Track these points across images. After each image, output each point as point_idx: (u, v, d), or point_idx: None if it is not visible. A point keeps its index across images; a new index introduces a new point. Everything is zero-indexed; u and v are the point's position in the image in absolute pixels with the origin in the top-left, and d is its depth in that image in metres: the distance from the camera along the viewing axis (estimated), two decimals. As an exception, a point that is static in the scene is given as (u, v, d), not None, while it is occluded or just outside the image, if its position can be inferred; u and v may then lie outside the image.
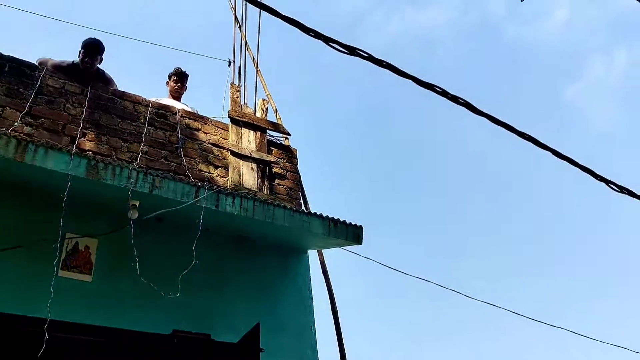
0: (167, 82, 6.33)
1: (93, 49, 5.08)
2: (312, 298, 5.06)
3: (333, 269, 5.90)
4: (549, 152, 3.76)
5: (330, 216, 4.70)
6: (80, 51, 5.10)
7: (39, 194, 4.03)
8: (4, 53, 4.63)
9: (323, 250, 5.67)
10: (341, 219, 4.75)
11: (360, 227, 4.78)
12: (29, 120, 4.42)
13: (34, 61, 4.89)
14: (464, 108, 3.54)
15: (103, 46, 5.17)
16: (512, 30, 26.28)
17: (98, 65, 5.16)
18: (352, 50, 3.29)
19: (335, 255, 5.84)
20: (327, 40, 3.20)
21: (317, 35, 3.21)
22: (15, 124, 4.25)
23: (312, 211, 4.90)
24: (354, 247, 5.07)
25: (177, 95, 6.24)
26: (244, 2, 6.65)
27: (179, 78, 6.26)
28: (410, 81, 3.38)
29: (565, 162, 3.81)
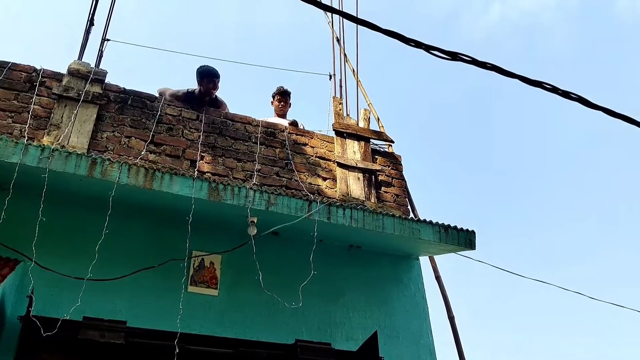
0: (272, 102, 6.60)
1: (211, 76, 5.37)
2: (427, 304, 5.05)
3: (445, 273, 5.87)
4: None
5: (440, 222, 4.68)
6: (199, 80, 5.38)
7: (166, 217, 4.37)
8: (126, 87, 5.07)
9: (435, 256, 5.65)
10: (452, 225, 4.71)
11: (473, 232, 4.72)
12: (153, 147, 4.80)
13: (153, 92, 5.30)
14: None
15: (218, 73, 5.46)
16: (623, 4, 24.39)
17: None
18: (454, 56, 3.28)
19: (447, 259, 5.80)
20: (428, 48, 3.21)
21: (418, 44, 3.23)
22: (142, 152, 4.64)
23: (422, 217, 4.90)
24: (467, 252, 5.01)
25: (281, 113, 6.48)
26: (342, 18, 6.80)
27: (282, 97, 6.51)
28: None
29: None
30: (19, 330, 3.61)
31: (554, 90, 3.44)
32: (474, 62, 3.32)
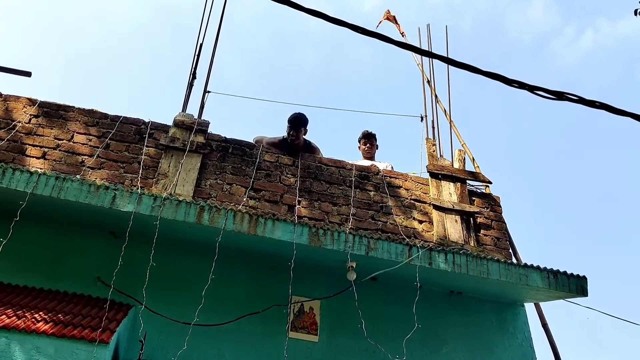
0: (359, 147, 6.65)
1: (297, 123, 5.47)
2: (535, 354, 4.76)
3: (550, 320, 5.53)
4: None
5: (548, 267, 4.43)
6: (287, 126, 5.54)
7: (266, 262, 4.44)
8: (227, 136, 5.27)
9: (540, 303, 5.35)
10: (561, 270, 4.46)
11: (584, 278, 4.43)
12: (252, 193, 4.93)
13: (251, 139, 5.47)
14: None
15: (306, 119, 5.54)
16: None
17: (304, 137, 5.58)
18: (560, 96, 3.18)
19: (552, 306, 5.46)
20: (532, 88, 3.13)
21: (522, 85, 3.16)
22: (244, 199, 4.77)
23: (526, 262, 4.66)
24: (577, 299, 4.70)
25: (368, 156, 6.50)
26: (431, 59, 6.79)
27: (367, 140, 6.57)
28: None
29: None
30: (130, 373, 3.74)
31: (673, 126, 3.23)
32: (581, 101, 3.18)
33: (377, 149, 6.69)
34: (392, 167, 6.20)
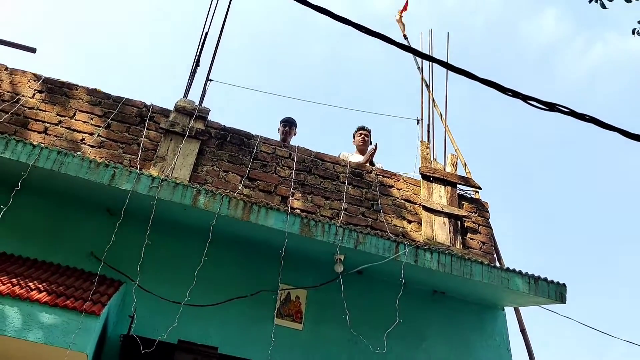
0: (353, 140, 6.74)
1: (291, 122, 6.39)
2: (511, 357, 4.90)
3: (529, 325, 5.67)
4: None
5: (530, 273, 4.57)
6: (281, 124, 6.38)
7: (257, 249, 4.55)
8: (226, 125, 5.38)
9: (520, 308, 5.49)
10: (542, 276, 4.59)
11: (564, 285, 4.57)
12: (247, 182, 5.04)
13: (250, 130, 5.60)
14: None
15: (296, 122, 6.43)
16: None
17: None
18: (551, 107, 3.27)
19: (531, 312, 5.60)
20: (526, 98, 3.23)
21: (515, 94, 3.26)
22: (239, 187, 4.88)
23: (510, 267, 4.80)
24: (554, 306, 4.84)
25: (362, 148, 6.58)
26: (431, 63, 6.93)
27: (363, 132, 6.68)
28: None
29: None
30: (117, 347, 3.84)
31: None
32: (571, 113, 3.28)
33: (371, 144, 6.75)
34: (381, 167, 6.36)
